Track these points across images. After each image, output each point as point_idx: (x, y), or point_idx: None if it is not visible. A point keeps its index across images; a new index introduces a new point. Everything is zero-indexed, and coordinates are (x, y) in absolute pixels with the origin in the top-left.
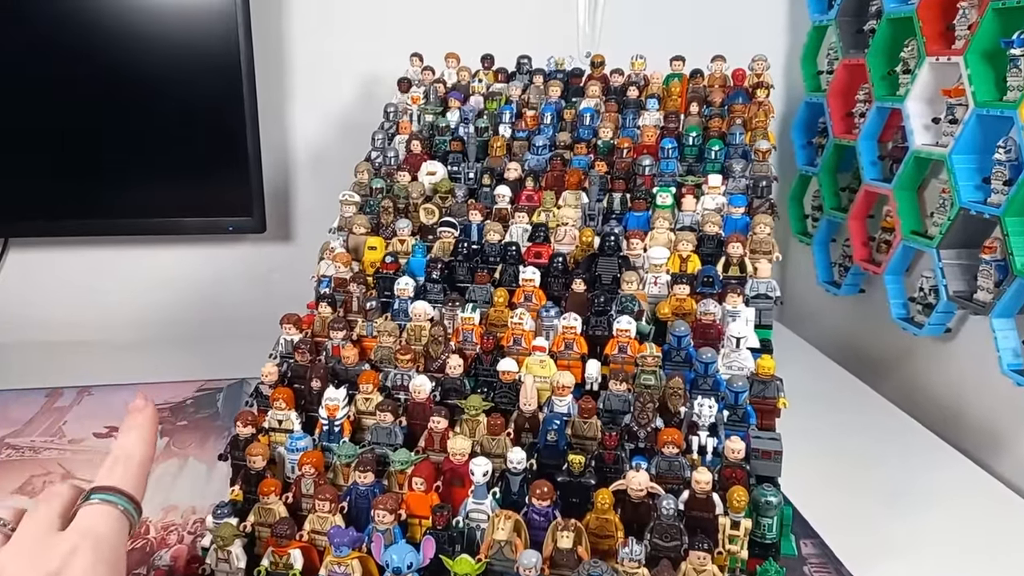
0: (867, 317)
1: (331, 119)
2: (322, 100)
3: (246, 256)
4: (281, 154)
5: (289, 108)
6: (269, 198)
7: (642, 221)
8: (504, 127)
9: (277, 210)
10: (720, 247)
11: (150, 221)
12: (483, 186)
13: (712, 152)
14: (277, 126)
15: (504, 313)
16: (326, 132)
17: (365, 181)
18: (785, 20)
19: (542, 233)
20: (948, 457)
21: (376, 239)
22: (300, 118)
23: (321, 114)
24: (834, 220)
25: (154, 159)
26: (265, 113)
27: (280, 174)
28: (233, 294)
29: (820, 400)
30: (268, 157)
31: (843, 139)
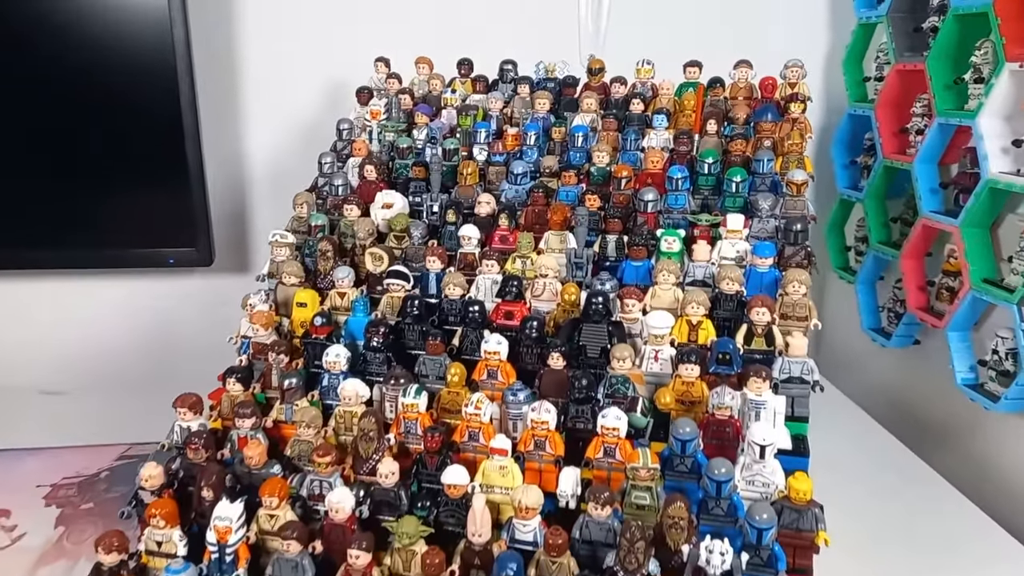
0: (923, 375)
1: (294, 129)
2: (283, 108)
3: (193, 290)
4: (234, 171)
5: (243, 118)
6: (219, 223)
7: (642, 273)
8: (479, 149)
9: (230, 236)
10: (741, 310)
11: (71, 253)
12: (447, 223)
13: (733, 184)
14: (229, 139)
15: (460, 396)
16: (288, 144)
17: (304, 216)
18: (825, 16)
19: (515, 288)
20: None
21: (307, 293)
22: (257, 129)
23: (282, 124)
24: (882, 256)
25: (78, 183)
26: (213, 125)
27: (233, 194)
28: (177, 334)
29: (860, 471)
30: (218, 175)
31: (895, 160)
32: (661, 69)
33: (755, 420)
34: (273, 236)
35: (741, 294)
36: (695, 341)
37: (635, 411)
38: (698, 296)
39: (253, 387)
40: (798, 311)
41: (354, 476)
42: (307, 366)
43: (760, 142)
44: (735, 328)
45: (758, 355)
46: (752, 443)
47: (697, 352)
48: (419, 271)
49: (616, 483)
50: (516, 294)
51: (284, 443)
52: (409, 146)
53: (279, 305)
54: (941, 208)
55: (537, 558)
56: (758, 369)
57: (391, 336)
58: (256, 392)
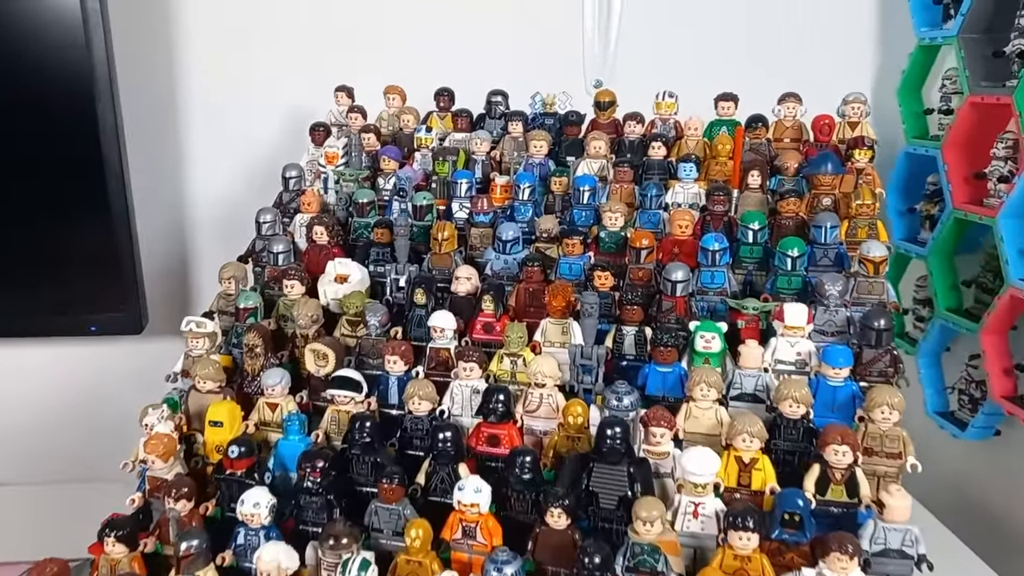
0: (1007, 475)
1: (249, 167)
2: (235, 144)
3: (123, 360)
4: (174, 217)
5: (186, 157)
6: (158, 277)
7: (671, 382)
8: (458, 204)
9: (170, 292)
10: (809, 441)
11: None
12: (415, 306)
13: (788, 259)
14: (167, 181)
15: (424, 567)
16: (242, 184)
17: (232, 293)
18: (873, 34)
19: (501, 404)
20: None
21: (225, 408)
22: (202, 169)
23: (234, 162)
24: (951, 326)
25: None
26: (147, 165)
27: (173, 245)
28: (103, 415)
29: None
30: (153, 223)
31: (968, 212)
32: (685, 102)
33: None
34: (187, 324)
35: (808, 421)
36: (747, 486)
37: None
38: (751, 424)
39: (144, 544)
40: (888, 445)
41: None
42: (221, 509)
43: (817, 200)
44: (801, 467)
45: (835, 509)
46: None
47: (755, 514)
48: (378, 371)
49: None
50: (503, 412)
51: None
52: (371, 201)
53: (191, 417)
54: None
55: None
56: (842, 540)
57: (332, 473)
58: (148, 549)
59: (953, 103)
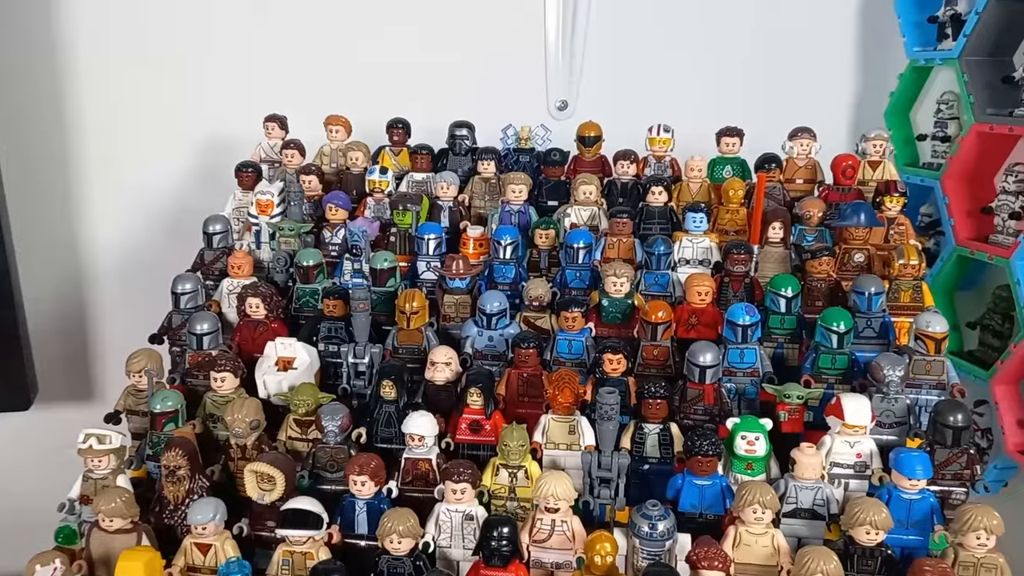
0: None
1: (158, 207)
2: (140, 183)
3: (13, 435)
4: (68, 269)
5: (81, 200)
6: (48, 337)
7: (710, 497)
8: (426, 263)
9: (65, 353)
10: (889, 573)
11: None
12: (384, 403)
13: (834, 336)
14: (59, 227)
15: None
16: (145, 225)
17: (144, 390)
18: (853, 53)
19: (505, 543)
20: None
21: (138, 561)
22: (101, 207)
23: (139, 202)
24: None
25: None
26: (34, 211)
27: (67, 299)
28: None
29: None
30: (42, 275)
31: (974, 250)
32: (642, 119)
33: None
34: (86, 440)
35: (885, 550)
36: None
37: None
38: (826, 560)
39: None
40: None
41: None
42: None
43: (848, 256)
44: None
45: None
46: None
47: None
48: (339, 487)
49: None
50: (507, 549)
51: None
52: (318, 263)
53: (94, 565)
54: None
55: None
56: None
57: None
58: None
59: (950, 129)
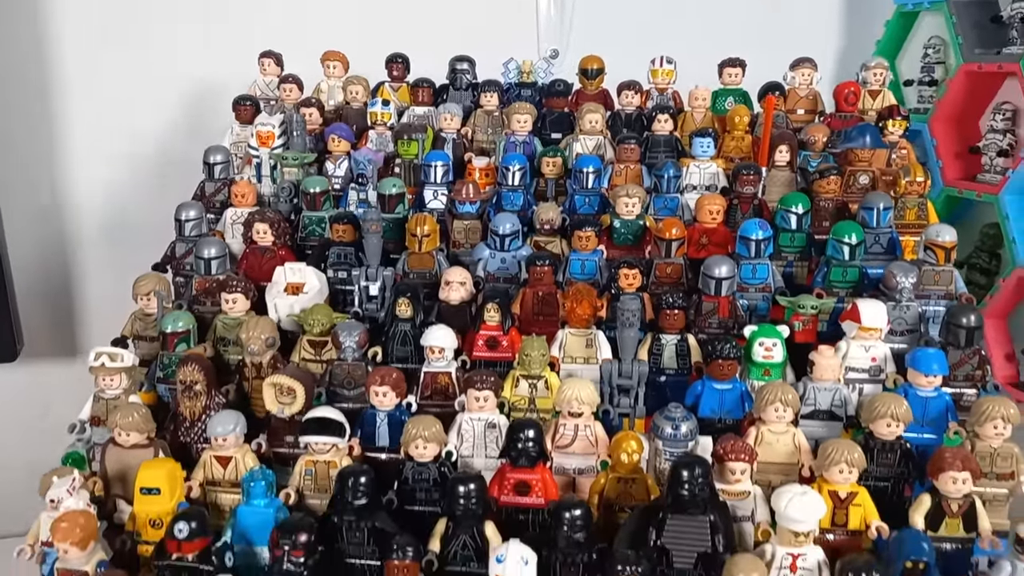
0: None
1: (142, 161)
2: (125, 128)
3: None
4: (51, 225)
5: (63, 154)
6: (34, 295)
7: (731, 402)
8: (433, 192)
9: (50, 311)
10: (907, 466)
11: None
12: (399, 320)
13: (845, 248)
14: (41, 184)
15: None
16: (129, 178)
17: (152, 314)
18: (839, 1)
19: (532, 444)
20: None
21: (160, 470)
22: (84, 167)
23: (125, 155)
24: None
25: None
26: (15, 166)
27: (51, 257)
28: None
29: None
30: (25, 230)
31: (962, 189)
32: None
33: None
34: (97, 358)
35: (903, 444)
36: (843, 526)
37: None
38: (850, 451)
39: None
40: (999, 464)
41: None
42: None
43: (854, 179)
44: (895, 496)
45: (948, 546)
46: None
47: (879, 568)
48: (357, 404)
49: None
50: (535, 452)
51: None
52: (324, 190)
53: (110, 480)
54: None
55: None
56: None
57: (318, 545)
58: None
59: (936, 73)
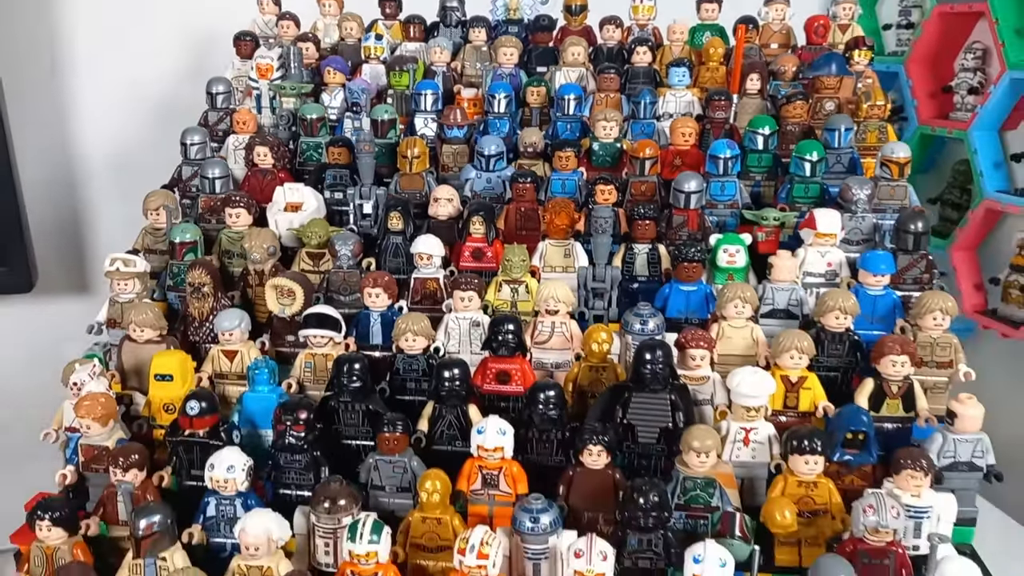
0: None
1: (143, 102)
2: (125, 75)
3: (12, 322)
4: (60, 164)
5: (69, 94)
6: (46, 232)
7: (696, 302)
8: (424, 120)
9: (62, 248)
10: (854, 356)
11: None
12: (390, 233)
13: (807, 164)
14: (49, 124)
15: (444, 524)
16: (136, 122)
17: (162, 226)
18: None
19: (511, 336)
20: None
21: (172, 357)
22: (89, 108)
23: (126, 97)
24: None
25: None
26: (24, 107)
27: (61, 194)
28: None
29: None
30: (36, 171)
31: (935, 126)
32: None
33: (914, 534)
34: (112, 263)
35: (851, 333)
36: (794, 408)
37: (731, 535)
38: (800, 339)
39: (85, 526)
40: (939, 353)
41: None
42: (178, 478)
43: (820, 105)
44: (844, 384)
45: (890, 426)
46: None
47: (820, 436)
48: (352, 309)
49: None
50: (514, 344)
51: None
52: (321, 116)
53: (126, 373)
54: (1008, 186)
55: None
56: (914, 456)
57: (317, 425)
58: (92, 532)
59: (913, 16)
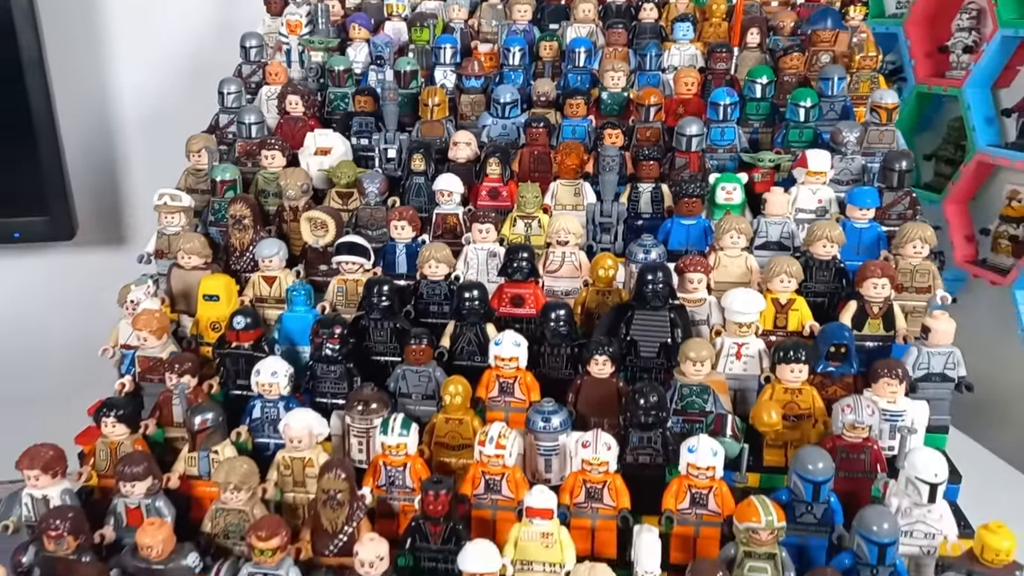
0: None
1: (176, 59)
2: (160, 32)
3: (51, 272)
4: (97, 117)
5: (106, 47)
6: (82, 186)
7: (695, 234)
8: (443, 71)
9: (97, 201)
10: (840, 282)
11: None
12: (413, 174)
13: (801, 110)
14: (87, 76)
15: (465, 424)
16: (170, 78)
17: (204, 167)
18: None
19: (524, 263)
20: None
21: (219, 280)
22: (125, 62)
23: (160, 53)
24: None
25: None
26: (64, 59)
27: (98, 148)
28: (34, 332)
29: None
30: (74, 124)
31: (931, 85)
32: None
33: (890, 436)
34: (161, 197)
35: (837, 260)
36: (783, 328)
37: (723, 434)
38: (788, 264)
39: (144, 426)
40: (918, 279)
41: (315, 558)
42: (224, 388)
43: (816, 57)
44: (831, 308)
45: (871, 344)
46: (917, 480)
47: (804, 347)
48: (379, 242)
49: (707, 544)
50: (527, 270)
51: (200, 508)
52: (348, 68)
53: (175, 298)
54: (999, 141)
55: None
56: (891, 366)
57: (350, 339)
58: (150, 432)
59: None
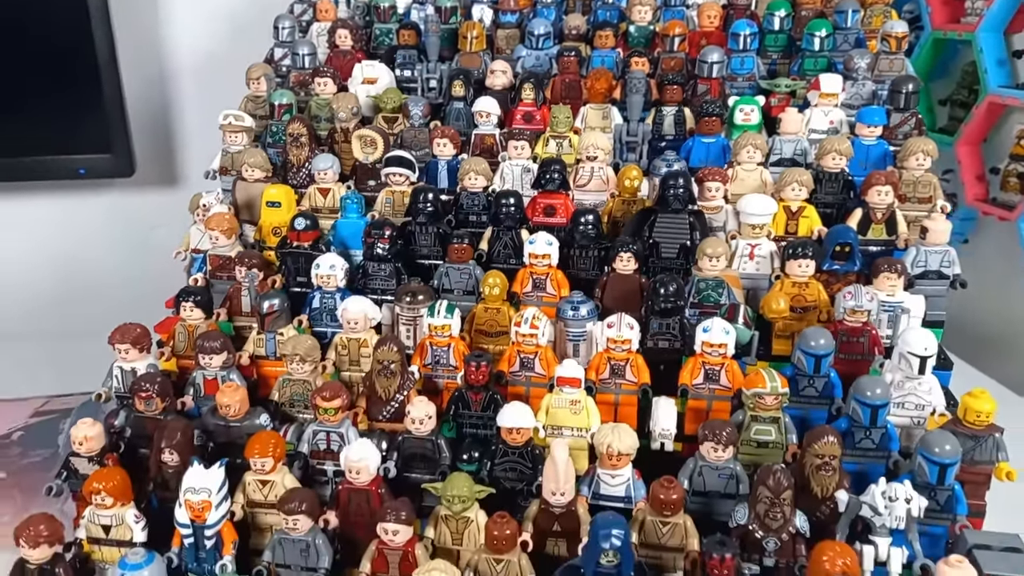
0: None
1: (232, 9)
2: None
3: (114, 209)
4: (152, 62)
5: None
6: (141, 129)
7: (715, 152)
8: (481, 7)
9: (152, 143)
10: (847, 193)
11: None
12: (453, 99)
13: (816, 40)
14: (144, 22)
15: (502, 313)
16: (219, 26)
17: (263, 94)
18: None
19: (556, 174)
20: None
21: (280, 189)
22: (183, 12)
23: (216, 4)
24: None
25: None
26: (128, 9)
27: (153, 91)
28: (96, 264)
29: None
30: (132, 69)
31: (947, 31)
32: None
33: (888, 325)
34: (226, 117)
35: (845, 172)
36: (794, 233)
37: (736, 322)
38: (800, 174)
39: (217, 314)
40: (920, 190)
41: (370, 424)
42: (286, 284)
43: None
44: (843, 213)
45: (875, 248)
46: (908, 354)
47: (812, 245)
48: (424, 161)
49: (719, 417)
50: (559, 182)
51: (266, 385)
52: (391, 5)
53: (239, 208)
54: (1011, 82)
55: (641, 519)
56: (891, 262)
57: (399, 241)
58: (222, 319)
59: None
